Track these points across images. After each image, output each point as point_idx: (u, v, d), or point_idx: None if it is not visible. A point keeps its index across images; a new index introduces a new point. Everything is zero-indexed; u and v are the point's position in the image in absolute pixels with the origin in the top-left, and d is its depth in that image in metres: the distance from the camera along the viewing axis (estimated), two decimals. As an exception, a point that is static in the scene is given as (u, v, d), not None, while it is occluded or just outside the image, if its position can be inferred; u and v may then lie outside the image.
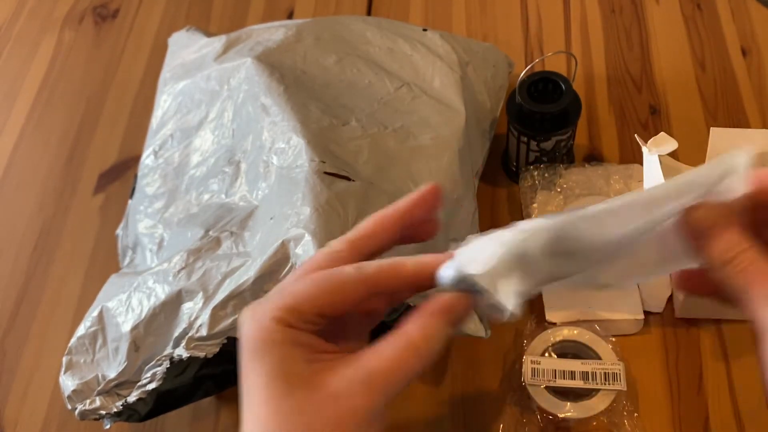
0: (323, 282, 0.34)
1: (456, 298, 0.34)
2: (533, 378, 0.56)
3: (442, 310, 0.34)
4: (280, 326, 0.32)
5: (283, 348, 0.32)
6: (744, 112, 0.73)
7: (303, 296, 0.33)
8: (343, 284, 0.34)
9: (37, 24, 0.91)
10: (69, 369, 0.54)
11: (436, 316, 0.34)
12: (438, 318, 0.34)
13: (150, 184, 0.64)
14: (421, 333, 0.33)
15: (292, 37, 0.65)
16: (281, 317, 0.32)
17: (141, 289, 0.53)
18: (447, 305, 0.34)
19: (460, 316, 0.34)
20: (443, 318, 0.34)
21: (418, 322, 0.33)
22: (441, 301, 0.34)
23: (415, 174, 0.54)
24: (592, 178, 0.67)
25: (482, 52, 0.70)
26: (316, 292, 0.33)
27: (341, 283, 0.34)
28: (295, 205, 0.49)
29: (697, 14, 0.81)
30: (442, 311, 0.34)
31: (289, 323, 0.32)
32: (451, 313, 0.34)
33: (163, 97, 0.67)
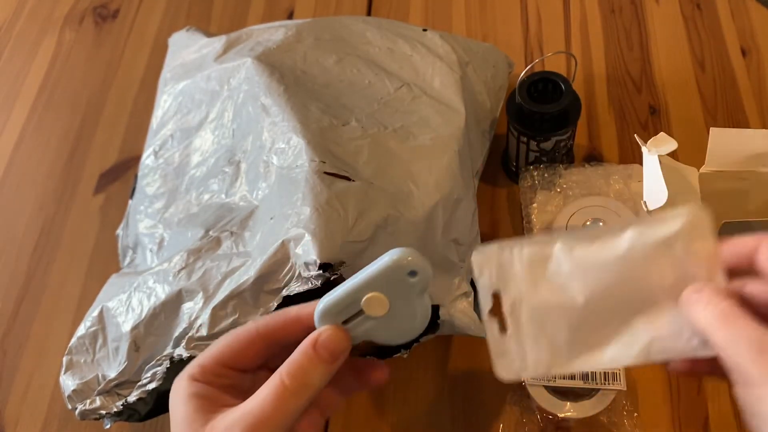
0: (225, 338, 0.38)
1: (326, 331, 0.36)
2: (533, 378, 0.56)
3: (311, 344, 0.36)
4: (188, 382, 0.36)
5: (187, 400, 0.36)
6: (743, 112, 0.73)
7: (208, 354, 0.37)
8: (238, 336, 0.37)
9: (38, 24, 0.91)
10: (69, 369, 0.54)
11: (304, 353, 0.36)
12: (306, 355, 0.36)
13: (150, 184, 0.64)
14: (291, 372, 0.35)
15: (292, 37, 0.65)
16: (192, 374, 0.37)
17: (141, 289, 0.53)
18: (314, 339, 0.36)
19: (333, 349, 0.36)
20: (313, 354, 0.35)
21: (289, 361, 0.36)
22: (310, 337, 0.36)
23: (415, 174, 0.54)
24: (591, 178, 0.67)
25: (482, 52, 0.70)
26: (219, 349, 0.37)
27: (237, 335, 0.37)
28: (295, 205, 0.49)
29: (696, 14, 0.81)
30: (311, 346, 0.36)
31: (196, 378, 0.36)
32: (322, 347, 0.36)
33: (163, 97, 0.67)
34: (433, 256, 0.53)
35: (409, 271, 0.35)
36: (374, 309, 0.36)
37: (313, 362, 0.35)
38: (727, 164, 0.54)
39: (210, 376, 0.37)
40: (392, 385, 0.61)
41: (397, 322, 0.37)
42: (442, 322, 0.53)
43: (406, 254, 0.35)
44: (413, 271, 0.35)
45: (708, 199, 0.54)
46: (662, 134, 0.53)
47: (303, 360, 0.35)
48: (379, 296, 0.36)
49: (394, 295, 0.36)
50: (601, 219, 0.63)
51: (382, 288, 0.36)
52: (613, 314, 0.39)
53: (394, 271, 0.35)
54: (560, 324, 0.40)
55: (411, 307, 0.37)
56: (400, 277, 0.36)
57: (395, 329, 0.37)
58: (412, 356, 0.59)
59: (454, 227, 0.55)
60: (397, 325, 0.37)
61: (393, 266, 0.35)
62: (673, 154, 0.59)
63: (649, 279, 0.38)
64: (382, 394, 0.61)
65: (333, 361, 0.36)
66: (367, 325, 0.37)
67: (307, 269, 0.46)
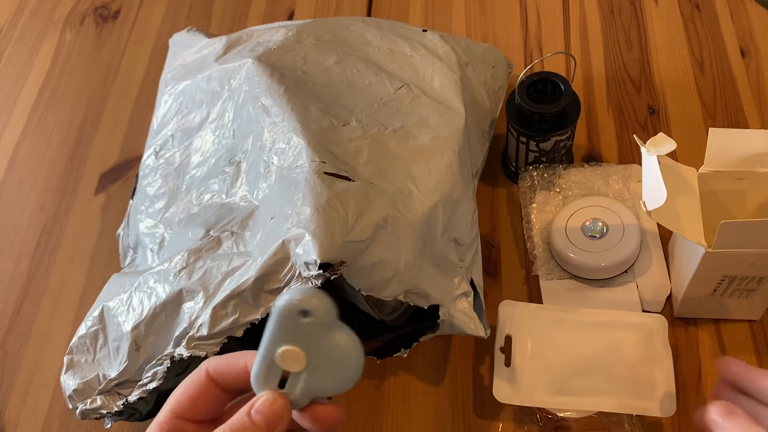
0: (179, 387, 0.36)
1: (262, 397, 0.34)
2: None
3: (247, 412, 0.34)
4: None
5: None
6: (743, 112, 0.73)
7: (165, 408, 0.35)
8: (192, 382, 0.36)
9: (39, 25, 0.92)
10: (70, 368, 0.54)
11: (239, 420, 0.33)
12: (241, 423, 0.33)
13: (151, 184, 0.64)
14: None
15: (293, 37, 0.65)
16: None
17: (142, 289, 0.53)
18: (250, 406, 0.34)
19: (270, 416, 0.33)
20: (248, 422, 0.33)
21: (222, 428, 0.33)
22: (248, 404, 0.34)
23: (415, 174, 0.54)
24: (591, 178, 0.67)
25: (482, 52, 0.70)
26: (174, 399, 0.36)
27: (189, 380, 0.36)
28: (296, 205, 0.49)
29: (695, 15, 0.82)
30: (247, 413, 0.33)
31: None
32: (258, 415, 0.33)
33: (164, 97, 0.68)
34: (433, 256, 0.53)
35: (299, 312, 0.32)
36: (292, 364, 0.33)
37: (249, 431, 0.33)
38: (726, 164, 0.54)
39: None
40: (392, 385, 0.61)
41: (328, 367, 0.34)
42: (442, 322, 0.53)
43: (288, 297, 0.32)
44: (304, 311, 0.32)
45: (707, 199, 0.54)
46: (661, 134, 0.53)
47: (239, 427, 0.33)
48: (290, 350, 0.33)
49: (304, 343, 0.33)
50: (601, 219, 0.63)
51: (288, 340, 0.33)
52: (595, 372, 0.55)
53: (285, 318, 0.33)
54: (551, 371, 0.55)
55: (331, 347, 0.33)
56: (296, 323, 0.33)
57: (333, 375, 0.34)
58: (412, 356, 0.60)
59: (454, 227, 0.55)
60: (332, 370, 0.34)
61: (281, 314, 0.33)
62: (672, 155, 0.59)
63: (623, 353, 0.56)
64: (382, 394, 0.61)
65: (269, 430, 0.33)
66: (302, 381, 0.34)
67: (307, 269, 0.46)
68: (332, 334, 0.33)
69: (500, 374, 0.56)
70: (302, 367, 0.33)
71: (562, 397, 0.55)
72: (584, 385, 0.55)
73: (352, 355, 0.33)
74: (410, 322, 0.57)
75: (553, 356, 0.56)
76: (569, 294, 0.63)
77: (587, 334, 0.57)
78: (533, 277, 0.65)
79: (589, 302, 0.62)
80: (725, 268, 0.53)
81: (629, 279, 0.63)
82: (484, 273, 0.63)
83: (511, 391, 0.55)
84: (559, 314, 0.58)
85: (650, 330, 0.56)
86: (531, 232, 0.66)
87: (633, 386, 0.54)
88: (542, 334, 0.57)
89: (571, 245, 0.62)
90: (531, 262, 0.65)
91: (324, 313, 0.32)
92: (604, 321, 0.57)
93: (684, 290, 0.57)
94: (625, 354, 0.56)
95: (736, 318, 0.61)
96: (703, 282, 0.55)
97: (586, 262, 0.61)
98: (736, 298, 0.57)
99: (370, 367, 0.62)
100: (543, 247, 0.65)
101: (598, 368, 0.55)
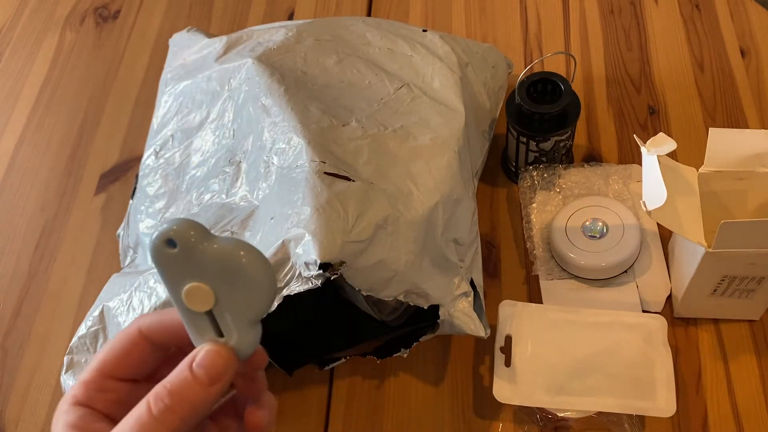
0: (107, 344, 0.33)
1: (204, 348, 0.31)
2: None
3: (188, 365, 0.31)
4: (67, 407, 0.32)
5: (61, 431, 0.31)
6: (742, 112, 0.73)
7: (90, 365, 0.33)
8: (121, 339, 0.33)
9: (39, 25, 0.92)
10: (70, 368, 0.54)
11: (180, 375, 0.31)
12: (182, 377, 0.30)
13: (151, 185, 0.64)
14: (161, 397, 0.30)
15: (293, 38, 0.65)
16: (74, 395, 0.32)
17: (142, 289, 0.53)
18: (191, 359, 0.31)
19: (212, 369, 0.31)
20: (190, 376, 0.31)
21: (161, 384, 0.31)
22: (188, 357, 0.31)
23: (415, 174, 0.54)
24: (591, 178, 0.67)
25: (482, 52, 0.70)
26: (100, 356, 0.33)
27: (119, 337, 0.33)
28: (296, 205, 0.49)
29: (695, 15, 0.82)
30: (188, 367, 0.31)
31: (78, 400, 0.32)
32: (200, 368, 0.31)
33: (164, 97, 0.68)
34: (433, 256, 0.53)
35: (165, 246, 0.30)
36: (202, 301, 0.31)
37: (190, 386, 0.30)
38: (726, 164, 0.54)
39: (93, 393, 0.32)
40: (392, 385, 0.61)
41: (238, 285, 0.30)
42: (442, 322, 0.53)
43: (149, 240, 0.30)
44: (169, 241, 0.30)
45: (707, 199, 0.54)
46: (661, 134, 0.53)
47: (178, 383, 0.30)
48: (190, 288, 0.30)
49: (197, 276, 0.30)
50: (601, 219, 0.63)
51: (179, 280, 0.31)
52: (594, 372, 0.55)
53: (161, 261, 0.30)
54: (551, 371, 0.55)
55: (222, 261, 0.30)
56: (172, 259, 0.30)
57: (249, 289, 0.30)
58: (412, 356, 0.60)
59: (453, 227, 0.55)
60: (244, 284, 0.30)
61: (154, 259, 0.30)
62: (672, 154, 0.59)
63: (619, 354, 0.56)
64: (382, 394, 0.61)
65: (213, 384, 0.30)
66: (227, 316, 0.31)
67: (307, 269, 0.46)
68: (214, 249, 0.30)
69: (500, 374, 0.56)
70: (213, 300, 0.31)
71: (562, 397, 0.55)
72: (584, 385, 0.55)
73: (247, 257, 0.30)
74: (410, 322, 0.57)
75: (553, 356, 0.56)
76: (569, 294, 0.63)
77: (587, 334, 0.57)
78: (533, 277, 0.65)
79: (589, 302, 0.62)
80: (725, 268, 0.53)
81: (629, 279, 0.63)
82: (484, 273, 0.63)
83: (511, 391, 0.55)
84: (559, 314, 0.58)
85: (650, 330, 0.56)
86: (531, 232, 0.66)
87: (633, 386, 0.54)
88: (542, 334, 0.57)
89: (571, 245, 0.62)
90: (531, 262, 0.65)
91: (187, 235, 0.30)
92: (604, 321, 0.57)
93: (684, 290, 0.57)
94: (625, 354, 0.56)
95: (736, 318, 0.61)
96: (703, 282, 0.55)
97: (586, 262, 0.61)
98: (736, 298, 0.57)
99: (370, 367, 0.62)
100: (543, 247, 0.65)
101: (598, 368, 0.55)
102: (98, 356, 0.33)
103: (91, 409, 0.32)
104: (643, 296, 0.62)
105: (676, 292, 0.60)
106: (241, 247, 0.30)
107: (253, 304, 0.31)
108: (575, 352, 0.56)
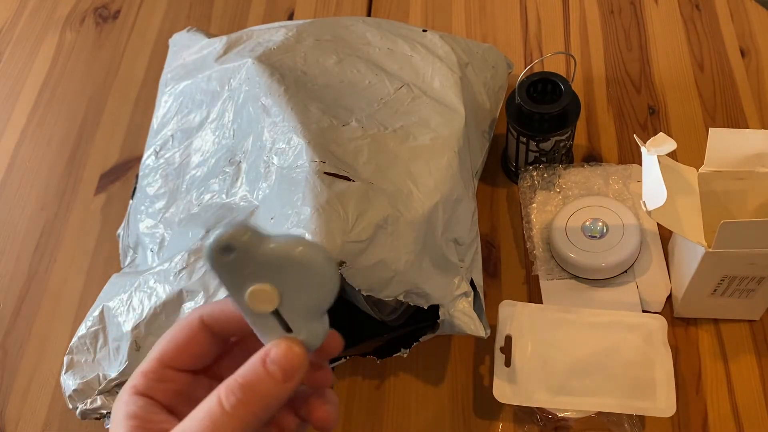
0: (167, 333, 0.33)
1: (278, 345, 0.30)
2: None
3: (261, 360, 0.30)
4: (128, 397, 0.32)
5: (122, 423, 0.31)
6: (742, 112, 0.73)
7: (150, 356, 0.32)
8: (181, 328, 0.32)
9: (39, 25, 0.92)
10: (70, 368, 0.54)
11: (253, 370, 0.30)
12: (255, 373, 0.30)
13: (151, 185, 0.64)
14: (234, 391, 0.30)
15: (293, 38, 0.65)
16: (134, 385, 0.32)
17: (142, 289, 0.53)
18: (265, 354, 0.30)
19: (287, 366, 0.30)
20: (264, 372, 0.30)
21: (233, 378, 0.30)
22: (260, 352, 0.31)
23: (415, 174, 0.54)
24: (591, 178, 0.67)
25: (482, 52, 0.70)
26: (160, 347, 0.32)
27: (179, 327, 0.32)
28: (296, 205, 0.49)
29: (695, 15, 0.82)
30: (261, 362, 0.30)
31: (138, 391, 0.32)
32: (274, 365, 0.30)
33: (164, 97, 0.68)
34: (433, 256, 0.53)
35: (222, 253, 0.29)
36: (266, 302, 0.30)
37: (264, 382, 0.30)
38: (725, 164, 0.54)
39: (153, 383, 0.32)
40: (392, 385, 0.61)
41: (301, 281, 0.30)
42: (442, 322, 0.53)
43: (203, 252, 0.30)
44: (226, 247, 0.29)
45: (707, 199, 0.54)
46: (661, 134, 0.53)
47: (251, 378, 0.30)
48: (253, 291, 0.30)
49: (258, 278, 0.30)
50: (601, 219, 0.63)
51: (242, 283, 0.30)
52: (594, 372, 0.55)
53: (216, 265, 0.30)
54: (551, 371, 0.55)
55: (282, 259, 0.30)
56: (229, 263, 0.29)
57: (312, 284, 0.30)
58: (412, 356, 0.60)
59: (453, 227, 0.55)
60: (307, 279, 0.30)
61: (210, 263, 0.30)
62: (672, 155, 0.59)
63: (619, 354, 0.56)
64: (382, 394, 0.61)
65: (287, 380, 0.30)
66: (295, 312, 0.31)
67: (307, 269, 0.46)
68: (272, 249, 0.30)
69: (500, 374, 0.56)
70: (278, 300, 0.30)
71: (562, 397, 0.55)
72: (584, 385, 0.55)
73: (305, 251, 0.30)
74: (410, 322, 0.57)
75: (553, 356, 0.56)
76: (569, 294, 0.63)
77: (587, 334, 0.57)
78: (533, 277, 0.65)
79: (589, 302, 0.62)
80: (725, 268, 0.53)
81: (629, 279, 0.63)
82: (484, 273, 0.63)
83: (511, 391, 0.55)
84: (559, 314, 0.58)
85: (650, 330, 0.56)
86: (531, 232, 0.66)
87: (633, 386, 0.54)
88: (542, 334, 0.57)
89: (571, 245, 0.62)
90: (531, 262, 0.65)
91: (243, 239, 0.29)
92: (604, 321, 0.57)
93: (684, 290, 0.57)
94: (625, 354, 0.56)
95: (736, 318, 0.61)
96: (703, 282, 0.55)
97: (586, 262, 0.61)
98: (736, 298, 0.57)
99: (370, 367, 0.62)
100: (543, 247, 0.65)
101: (598, 368, 0.55)
102: (158, 346, 0.33)
103: (151, 399, 0.32)
104: (643, 296, 0.62)
105: (676, 292, 0.60)
106: (299, 242, 0.30)
107: (318, 297, 0.31)
108: (575, 352, 0.56)
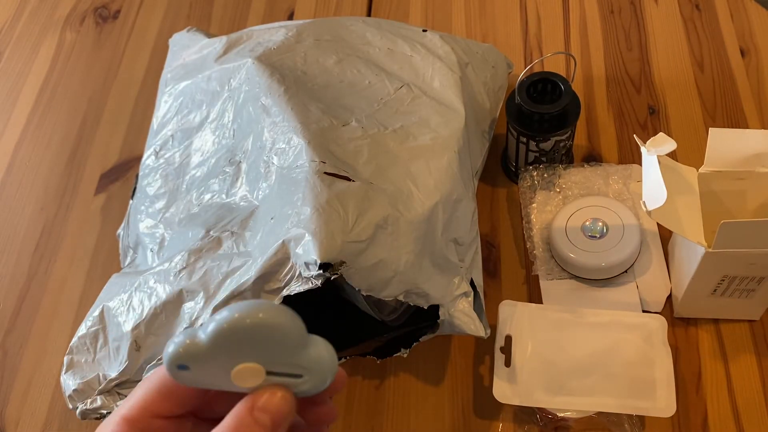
0: (149, 380, 0.32)
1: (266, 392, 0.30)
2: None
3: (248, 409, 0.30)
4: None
5: None
6: (742, 112, 0.73)
7: (134, 402, 0.31)
8: (168, 381, 0.31)
9: (39, 25, 0.92)
10: (70, 368, 0.54)
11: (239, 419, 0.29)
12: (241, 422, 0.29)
13: (151, 185, 0.64)
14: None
15: (293, 38, 0.65)
16: (116, 430, 0.31)
17: (142, 289, 0.53)
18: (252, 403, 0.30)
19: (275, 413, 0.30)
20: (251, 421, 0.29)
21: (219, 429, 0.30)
22: (246, 400, 0.30)
23: (414, 174, 0.54)
24: (591, 178, 0.67)
25: (482, 52, 0.70)
26: (145, 394, 0.31)
27: (167, 380, 0.31)
28: (296, 205, 0.49)
29: (695, 15, 0.82)
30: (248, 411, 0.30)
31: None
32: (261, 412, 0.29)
33: (164, 97, 0.68)
34: (433, 256, 0.53)
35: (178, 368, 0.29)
36: (252, 379, 0.29)
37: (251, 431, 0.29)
38: (725, 164, 0.54)
39: (146, 429, 0.31)
40: (392, 385, 0.61)
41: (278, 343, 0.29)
42: (442, 322, 0.53)
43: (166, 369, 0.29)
44: (179, 366, 0.29)
45: (707, 199, 0.54)
46: (661, 134, 0.53)
47: (238, 428, 0.29)
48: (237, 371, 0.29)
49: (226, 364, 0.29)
50: (601, 219, 0.63)
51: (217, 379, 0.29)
52: (594, 372, 0.55)
53: (182, 380, 0.29)
54: (551, 372, 0.56)
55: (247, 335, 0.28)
56: (191, 375, 0.29)
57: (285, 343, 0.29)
58: (412, 356, 0.60)
59: (453, 227, 0.55)
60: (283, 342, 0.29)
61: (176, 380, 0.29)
62: (672, 154, 0.59)
63: (619, 354, 0.56)
64: (382, 394, 0.61)
65: (275, 428, 0.29)
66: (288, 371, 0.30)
67: (307, 269, 0.46)
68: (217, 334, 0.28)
69: (500, 374, 0.56)
70: (263, 369, 0.29)
71: (562, 397, 0.55)
72: (584, 385, 0.55)
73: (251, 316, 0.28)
74: (410, 322, 0.57)
75: (553, 356, 0.56)
76: (569, 294, 0.63)
77: (587, 334, 0.57)
78: (533, 277, 0.65)
79: (589, 302, 0.62)
80: (725, 268, 0.53)
81: (629, 279, 0.63)
82: (484, 273, 0.63)
83: (511, 391, 0.55)
84: (559, 314, 0.58)
85: (650, 330, 0.56)
86: (531, 232, 0.66)
87: (633, 386, 0.54)
88: (542, 334, 0.57)
89: (571, 245, 0.62)
90: (531, 262, 0.65)
91: (189, 352, 0.28)
92: (604, 321, 0.57)
93: (684, 290, 0.57)
94: (625, 354, 0.56)
95: (736, 318, 0.61)
96: (703, 282, 0.55)
97: (586, 262, 0.61)
98: (736, 298, 0.57)
99: (370, 367, 0.62)
100: (543, 247, 0.65)
101: (598, 368, 0.55)
102: (143, 392, 0.32)
103: None
104: (643, 296, 0.62)
105: (676, 292, 0.60)
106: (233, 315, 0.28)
107: (288, 343, 0.29)
108: (575, 352, 0.56)
